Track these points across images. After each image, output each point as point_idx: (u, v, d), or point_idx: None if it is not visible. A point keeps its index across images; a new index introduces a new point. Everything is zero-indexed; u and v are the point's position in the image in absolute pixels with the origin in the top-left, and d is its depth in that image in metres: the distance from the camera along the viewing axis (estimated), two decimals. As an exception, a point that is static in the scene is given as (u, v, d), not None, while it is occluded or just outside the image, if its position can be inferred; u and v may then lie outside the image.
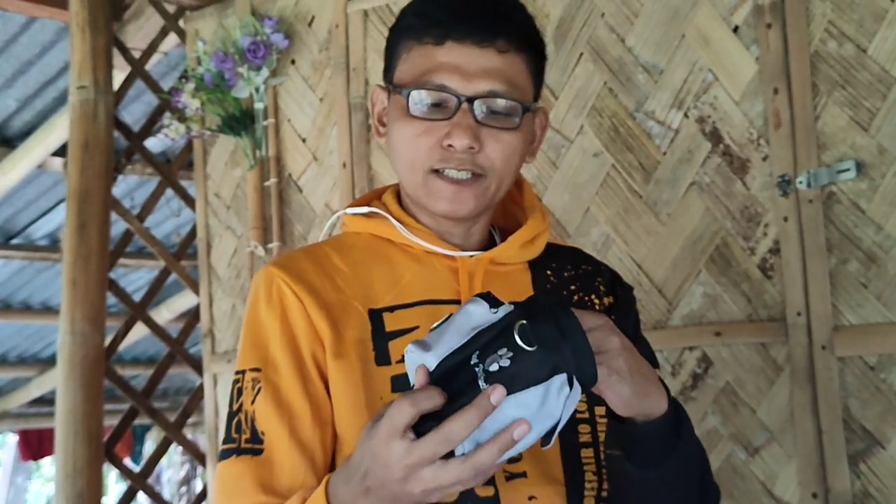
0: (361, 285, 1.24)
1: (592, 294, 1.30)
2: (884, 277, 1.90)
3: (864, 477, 1.90)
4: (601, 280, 1.32)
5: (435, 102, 1.17)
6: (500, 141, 1.19)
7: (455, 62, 1.17)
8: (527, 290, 1.27)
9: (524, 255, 1.29)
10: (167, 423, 3.08)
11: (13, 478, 8.08)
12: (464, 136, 1.16)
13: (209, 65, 2.71)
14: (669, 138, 2.13)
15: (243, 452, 1.15)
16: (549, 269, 1.31)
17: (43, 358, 6.74)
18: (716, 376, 2.06)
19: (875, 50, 1.92)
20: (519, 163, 1.23)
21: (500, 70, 1.17)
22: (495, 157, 1.19)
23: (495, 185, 1.21)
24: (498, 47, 1.17)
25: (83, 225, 2.87)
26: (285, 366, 1.18)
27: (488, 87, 1.17)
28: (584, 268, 1.33)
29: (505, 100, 1.17)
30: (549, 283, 1.29)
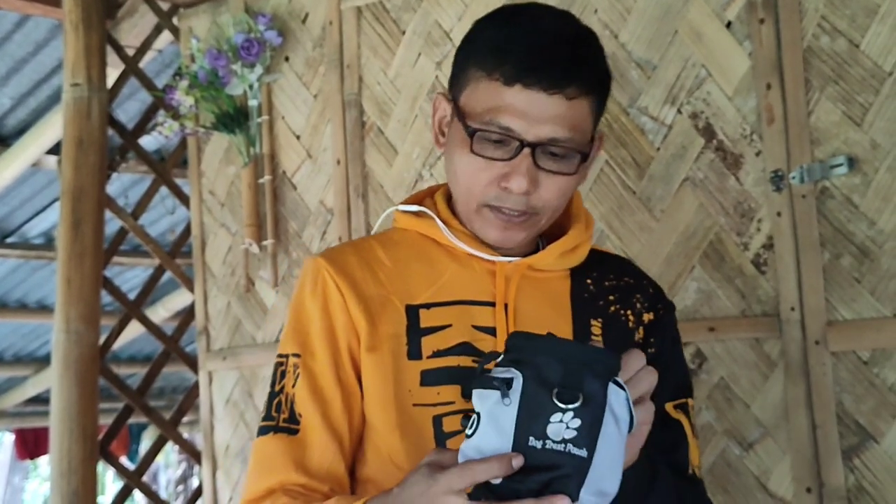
0: (402, 281, 1.28)
1: (629, 310, 1.30)
2: (877, 272, 1.90)
3: (857, 471, 1.91)
4: (640, 296, 1.33)
5: (497, 140, 1.18)
6: (556, 183, 1.21)
7: (522, 107, 1.17)
8: (564, 297, 1.29)
9: (564, 263, 1.30)
10: (163, 422, 3.08)
11: (10, 477, 8.07)
12: (522, 180, 1.18)
13: (203, 62, 2.71)
14: (663, 134, 2.14)
15: (280, 430, 1.23)
16: (589, 277, 1.32)
17: (39, 357, 6.74)
18: (710, 371, 2.06)
19: (867, 45, 1.93)
20: (565, 197, 1.24)
21: (564, 117, 1.17)
22: (549, 199, 1.21)
23: (546, 220, 1.25)
24: (567, 94, 1.17)
25: (77, 223, 2.87)
26: (322, 354, 1.25)
27: (551, 133, 1.17)
28: (626, 280, 1.34)
29: (565, 147, 1.18)
30: (588, 292, 1.30)
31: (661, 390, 1.23)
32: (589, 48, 1.22)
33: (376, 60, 2.55)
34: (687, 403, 1.30)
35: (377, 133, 2.55)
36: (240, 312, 2.83)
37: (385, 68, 2.54)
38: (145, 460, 3.15)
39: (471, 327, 1.25)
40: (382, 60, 2.54)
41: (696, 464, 1.29)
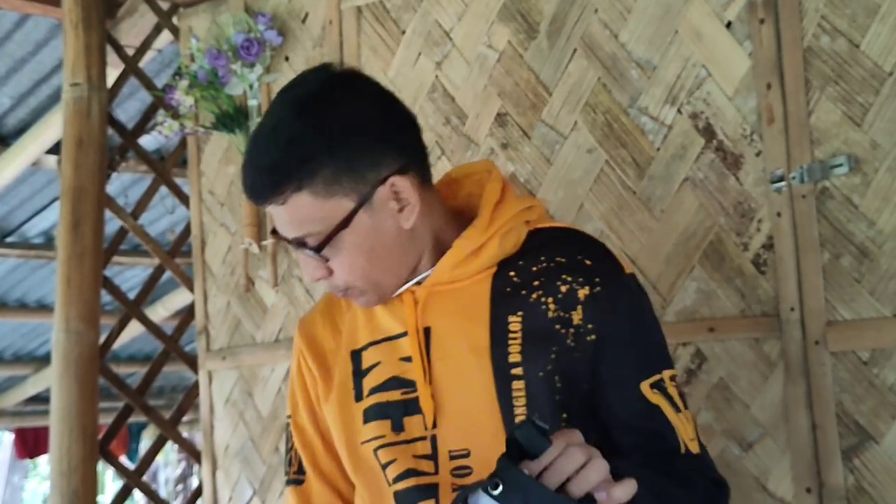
0: (352, 327, 1.39)
1: (550, 296, 1.28)
2: (876, 272, 1.90)
3: (857, 472, 1.91)
4: (571, 274, 1.28)
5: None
6: (336, 264, 1.26)
7: (270, 212, 1.27)
8: (483, 300, 1.29)
9: (469, 270, 1.30)
10: (162, 421, 3.08)
11: (10, 476, 8.06)
12: (306, 272, 1.29)
13: (203, 62, 2.70)
14: (663, 134, 2.14)
15: (292, 482, 1.42)
16: (514, 268, 1.31)
17: (39, 356, 6.74)
18: (709, 372, 2.06)
19: (868, 45, 1.93)
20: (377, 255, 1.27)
21: (288, 219, 1.24)
22: (342, 276, 1.27)
23: (368, 286, 1.29)
24: (277, 202, 1.23)
25: (77, 223, 2.87)
26: (302, 410, 1.42)
27: (289, 234, 1.26)
28: (558, 260, 1.30)
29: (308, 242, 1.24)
30: (511, 285, 1.30)
31: (629, 372, 1.27)
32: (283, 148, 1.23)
33: (376, 60, 2.55)
34: (663, 379, 1.27)
35: (377, 133, 2.54)
36: (239, 312, 2.83)
37: (385, 68, 2.54)
38: (145, 459, 3.15)
39: (398, 360, 1.31)
40: (382, 60, 2.54)
41: (688, 438, 1.27)
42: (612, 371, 1.27)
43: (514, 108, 2.32)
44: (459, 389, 1.27)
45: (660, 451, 1.25)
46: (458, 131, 2.40)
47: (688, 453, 1.27)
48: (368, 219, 1.24)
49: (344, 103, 1.26)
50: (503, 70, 2.34)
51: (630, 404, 1.27)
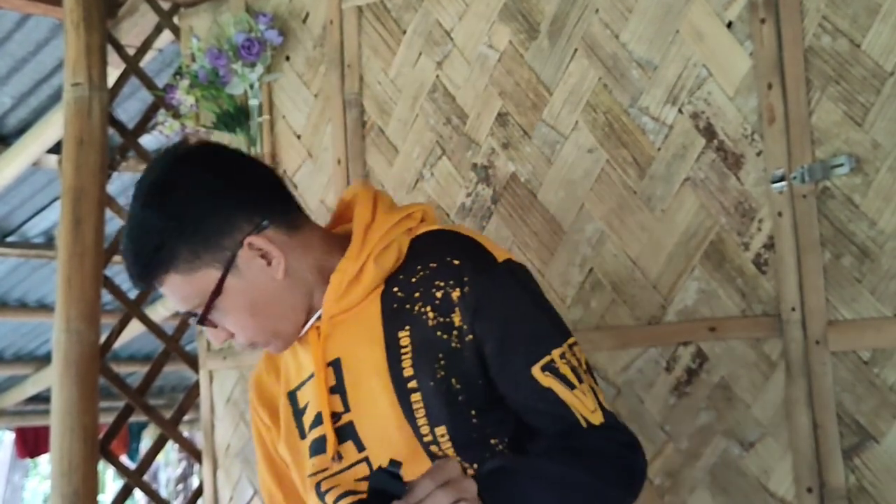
0: (286, 369, 1.46)
1: (428, 305, 1.32)
2: (877, 272, 1.90)
3: (858, 471, 1.91)
4: (443, 279, 1.32)
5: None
6: (228, 324, 1.33)
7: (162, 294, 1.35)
8: (376, 321, 1.35)
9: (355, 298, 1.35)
10: (163, 421, 3.08)
11: (10, 475, 8.06)
12: (213, 340, 1.36)
13: (203, 61, 2.70)
14: (664, 134, 2.14)
15: None
16: (397, 283, 1.36)
17: (39, 356, 6.73)
18: (710, 371, 2.06)
19: (869, 45, 1.93)
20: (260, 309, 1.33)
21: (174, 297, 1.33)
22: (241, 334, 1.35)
23: (267, 338, 1.36)
24: (153, 286, 1.33)
25: (78, 222, 2.87)
26: (261, 460, 1.52)
27: (182, 309, 1.33)
28: (431, 266, 1.34)
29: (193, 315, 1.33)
30: (396, 301, 1.35)
31: (516, 359, 1.31)
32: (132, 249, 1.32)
33: (377, 60, 2.55)
34: (552, 359, 1.30)
35: (378, 132, 2.55)
36: (240, 312, 2.83)
37: (386, 68, 2.54)
38: (146, 459, 3.14)
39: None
40: (383, 60, 2.54)
41: (588, 411, 1.30)
42: (500, 363, 1.31)
43: (514, 107, 2.32)
44: (373, 411, 1.34)
45: (561, 431, 1.30)
46: (459, 131, 2.40)
47: (590, 426, 1.30)
48: (239, 281, 1.31)
49: (186, 184, 1.31)
50: (504, 70, 2.34)
51: (524, 390, 1.31)
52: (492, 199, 2.34)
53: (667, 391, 2.11)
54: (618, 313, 2.17)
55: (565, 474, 1.24)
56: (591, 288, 2.21)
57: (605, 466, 1.27)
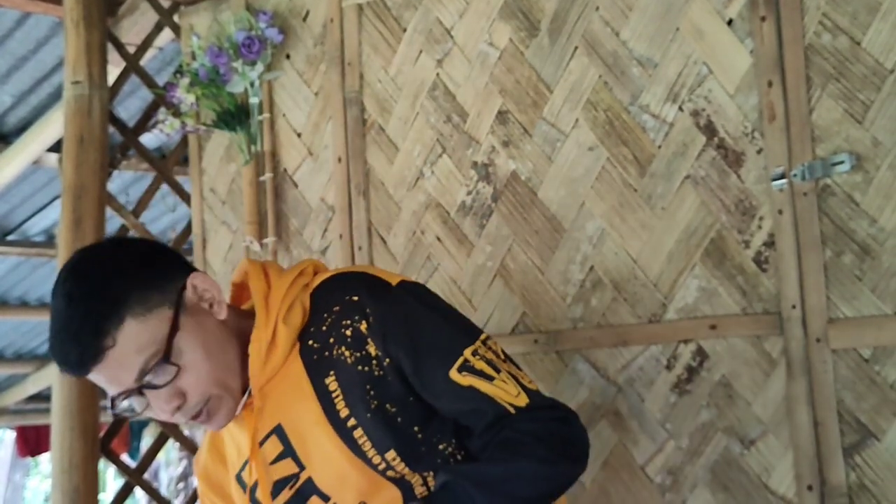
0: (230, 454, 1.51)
1: (342, 345, 1.38)
2: (878, 270, 1.90)
3: (858, 469, 1.91)
4: (348, 317, 1.38)
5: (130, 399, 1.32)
6: (185, 379, 1.32)
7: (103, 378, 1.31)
8: (302, 378, 1.39)
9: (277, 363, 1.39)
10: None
11: (11, 474, 8.07)
12: (165, 405, 1.32)
13: (204, 60, 2.70)
14: (664, 132, 2.14)
15: None
16: (310, 337, 1.41)
17: (40, 354, 6.74)
18: (711, 369, 2.06)
19: (869, 42, 1.92)
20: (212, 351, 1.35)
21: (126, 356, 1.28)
22: (196, 388, 1.33)
23: (220, 389, 1.36)
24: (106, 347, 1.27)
25: (78, 221, 2.87)
26: None
27: (134, 372, 1.29)
28: (335, 310, 1.40)
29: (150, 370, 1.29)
30: (315, 353, 1.40)
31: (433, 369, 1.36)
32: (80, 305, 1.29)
33: (377, 58, 2.55)
34: (466, 359, 1.36)
35: (378, 130, 2.55)
36: (241, 310, 2.83)
37: (386, 66, 2.54)
38: (146, 458, 3.15)
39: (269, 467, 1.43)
40: (383, 58, 2.54)
41: (511, 397, 1.34)
42: (419, 378, 1.37)
43: (515, 105, 2.32)
44: (325, 460, 1.39)
45: (491, 423, 1.34)
46: (459, 129, 2.40)
47: (518, 410, 1.34)
48: (191, 319, 1.33)
49: (115, 248, 1.38)
50: (504, 68, 2.34)
51: (448, 396, 1.36)
52: (492, 197, 2.34)
53: (667, 389, 2.11)
54: (618, 311, 2.17)
55: (508, 471, 1.28)
56: (591, 286, 2.21)
57: (542, 447, 1.31)
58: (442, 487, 1.28)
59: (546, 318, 2.25)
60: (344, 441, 1.37)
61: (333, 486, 1.40)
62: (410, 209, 2.47)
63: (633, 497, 2.14)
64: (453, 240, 2.40)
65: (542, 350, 2.25)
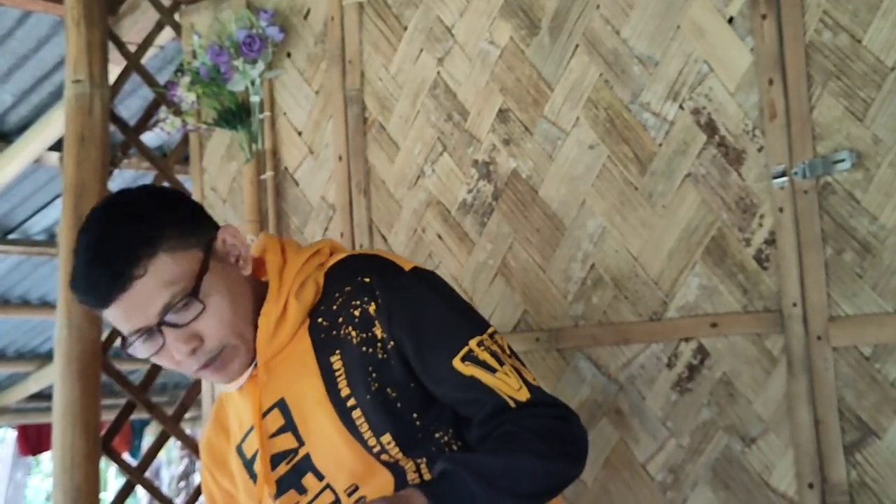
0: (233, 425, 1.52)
1: (350, 325, 1.39)
2: (879, 268, 1.90)
3: (859, 467, 1.91)
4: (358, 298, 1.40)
5: (145, 339, 1.32)
6: (205, 322, 1.32)
7: (126, 312, 1.30)
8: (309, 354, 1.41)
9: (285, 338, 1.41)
10: (165, 418, 3.08)
11: (12, 473, 8.08)
12: (181, 347, 1.32)
13: (205, 58, 2.71)
14: (665, 130, 2.14)
15: None
16: (320, 314, 1.42)
17: (41, 353, 6.75)
18: (712, 367, 2.07)
19: (870, 40, 1.92)
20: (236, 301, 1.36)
21: (154, 288, 1.29)
22: (215, 333, 1.34)
23: (238, 340, 1.37)
24: (136, 276, 1.28)
25: (80, 219, 2.86)
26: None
27: (158, 306, 1.29)
28: (347, 290, 1.41)
29: (175, 306, 1.30)
30: (323, 331, 1.41)
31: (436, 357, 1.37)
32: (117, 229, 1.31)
33: (378, 56, 2.55)
34: (471, 349, 1.36)
35: (379, 129, 2.55)
36: (242, 308, 2.83)
37: (387, 64, 2.54)
38: (147, 456, 3.15)
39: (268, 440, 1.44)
40: (384, 56, 2.54)
41: (513, 391, 1.35)
42: (422, 363, 1.37)
43: (515, 104, 2.32)
44: (323, 439, 1.39)
45: (491, 414, 1.34)
46: (460, 128, 2.40)
47: (518, 405, 1.34)
48: (219, 265, 1.35)
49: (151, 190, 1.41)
50: (505, 66, 2.34)
51: (449, 384, 1.37)
52: (493, 195, 2.34)
53: (668, 387, 2.11)
54: (619, 309, 2.17)
55: (507, 465, 1.28)
56: (592, 284, 2.21)
57: (542, 443, 1.31)
58: (440, 475, 1.27)
59: (547, 316, 2.25)
60: (342, 421, 1.37)
61: (329, 465, 1.40)
62: (411, 207, 2.47)
63: (634, 495, 2.14)
64: (454, 238, 2.40)
65: (543, 348, 2.25)
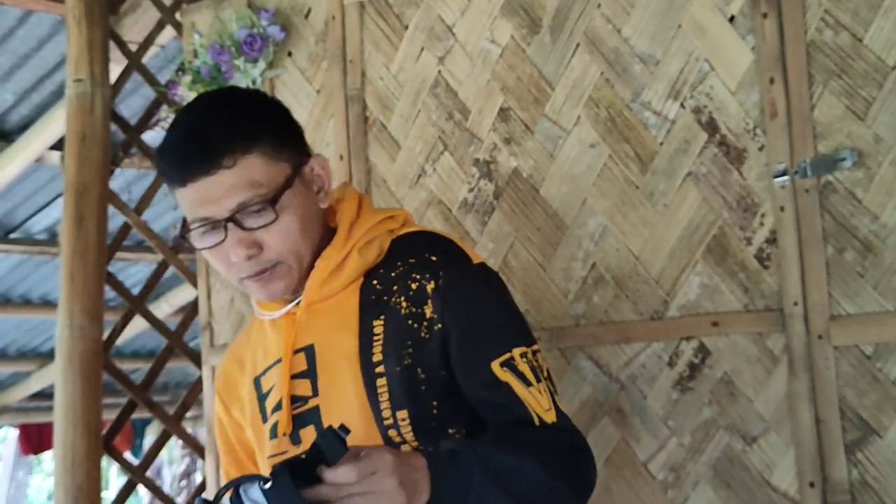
0: (253, 357, 1.52)
1: (403, 296, 1.39)
2: (880, 267, 1.90)
3: (860, 466, 1.91)
4: (419, 272, 1.40)
5: (208, 231, 1.32)
6: (272, 233, 1.33)
7: (201, 195, 1.30)
8: (353, 310, 1.41)
9: (337, 286, 1.41)
10: (166, 417, 3.09)
11: (14, 472, 8.09)
12: (240, 250, 1.32)
13: (206, 57, 2.71)
14: (666, 129, 2.14)
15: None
16: (376, 277, 1.43)
17: (43, 352, 6.75)
18: (713, 366, 2.07)
19: (871, 39, 1.92)
20: (306, 226, 1.37)
21: (237, 183, 1.29)
22: (277, 247, 1.34)
23: (294, 261, 1.37)
24: (225, 166, 1.28)
25: (81, 219, 2.88)
26: (223, 450, 1.57)
27: (235, 201, 1.29)
28: (410, 262, 1.42)
29: (255, 204, 1.30)
30: (375, 293, 1.41)
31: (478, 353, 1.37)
32: (227, 114, 1.33)
33: (379, 55, 2.55)
34: (513, 357, 1.36)
35: (380, 128, 2.55)
36: (243, 308, 2.83)
37: (388, 63, 2.54)
38: (149, 455, 3.15)
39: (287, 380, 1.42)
40: (385, 55, 2.54)
41: (542, 410, 1.34)
42: (461, 353, 1.37)
43: (516, 103, 2.32)
44: (339, 396, 1.39)
45: (511, 424, 1.34)
46: (461, 126, 2.40)
47: (542, 424, 1.34)
48: (301, 186, 1.36)
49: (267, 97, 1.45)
50: (506, 65, 2.34)
51: (482, 383, 1.36)
52: (494, 194, 2.34)
53: (669, 386, 2.11)
54: (620, 308, 2.17)
55: (514, 465, 1.27)
56: (593, 283, 2.21)
57: (553, 462, 1.30)
58: (447, 452, 1.25)
59: (548, 315, 2.25)
60: (365, 384, 1.37)
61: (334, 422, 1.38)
62: (412, 206, 2.47)
63: (635, 494, 2.14)
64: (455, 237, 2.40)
65: (544, 347, 2.24)
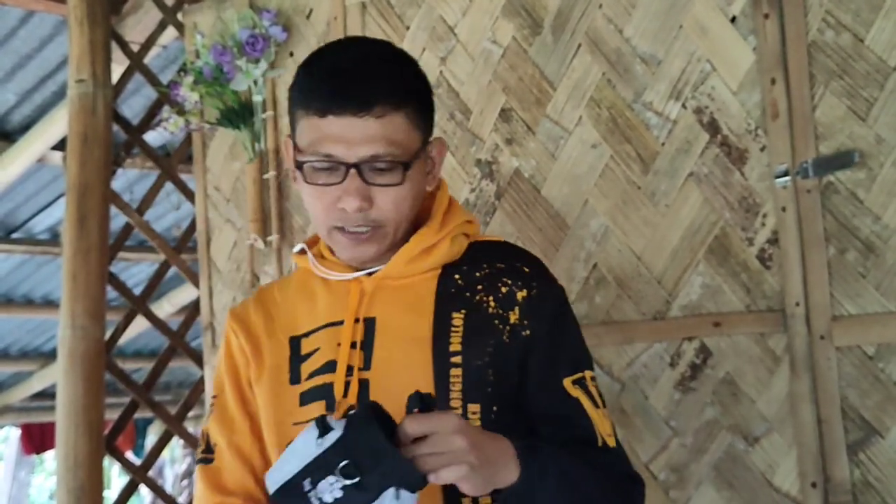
0: (289, 316, 1.46)
1: (491, 296, 1.38)
2: (882, 267, 1.90)
3: (862, 466, 1.91)
4: (511, 278, 1.39)
5: (325, 168, 1.29)
6: (388, 195, 1.30)
7: (337, 133, 1.26)
8: (428, 297, 1.38)
9: (423, 265, 1.39)
10: (168, 416, 3.09)
11: (16, 472, 8.09)
12: (353, 200, 1.28)
13: (207, 58, 2.71)
14: (667, 129, 2.14)
15: (201, 461, 1.45)
16: (458, 272, 1.40)
17: (45, 352, 6.75)
18: (715, 367, 2.07)
19: (872, 40, 1.92)
20: (414, 202, 1.35)
21: (379, 135, 1.27)
22: (387, 210, 1.32)
23: (393, 229, 1.35)
24: (375, 114, 1.26)
25: (83, 219, 2.88)
26: (229, 391, 1.46)
27: (370, 151, 1.27)
28: (499, 266, 1.41)
29: (387, 161, 1.28)
30: (455, 287, 1.39)
31: (554, 367, 1.36)
32: (393, 66, 1.32)
33: (381, 56, 2.55)
34: (584, 377, 1.37)
35: (382, 128, 2.55)
36: (245, 308, 2.83)
37: (389, 64, 2.53)
38: (151, 455, 3.15)
39: (336, 346, 1.37)
40: (387, 56, 2.54)
41: (606, 433, 1.35)
42: (539, 365, 1.36)
43: (518, 103, 2.32)
44: (397, 375, 1.34)
45: (577, 439, 1.33)
46: (463, 126, 2.40)
47: (604, 446, 1.34)
48: (420, 165, 1.34)
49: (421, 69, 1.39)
50: (507, 65, 2.34)
51: (552, 396, 1.35)
52: (495, 194, 2.34)
53: (672, 386, 2.11)
54: (622, 308, 2.17)
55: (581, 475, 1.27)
56: (595, 283, 2.21)
57: (610, 486, 1.31)
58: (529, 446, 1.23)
59: (550, 316, 2.25)
60: (435, 371, 1.33)
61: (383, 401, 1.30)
62: (414, 207, 2.47)
63: (636, 494, 2.14)
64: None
65: (545, 347, 2.25)
